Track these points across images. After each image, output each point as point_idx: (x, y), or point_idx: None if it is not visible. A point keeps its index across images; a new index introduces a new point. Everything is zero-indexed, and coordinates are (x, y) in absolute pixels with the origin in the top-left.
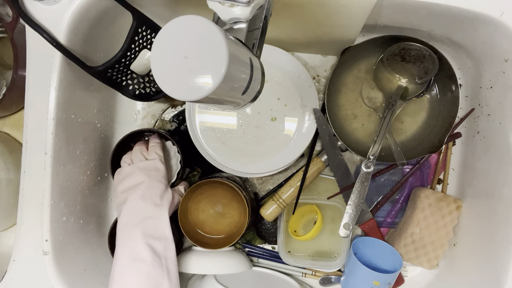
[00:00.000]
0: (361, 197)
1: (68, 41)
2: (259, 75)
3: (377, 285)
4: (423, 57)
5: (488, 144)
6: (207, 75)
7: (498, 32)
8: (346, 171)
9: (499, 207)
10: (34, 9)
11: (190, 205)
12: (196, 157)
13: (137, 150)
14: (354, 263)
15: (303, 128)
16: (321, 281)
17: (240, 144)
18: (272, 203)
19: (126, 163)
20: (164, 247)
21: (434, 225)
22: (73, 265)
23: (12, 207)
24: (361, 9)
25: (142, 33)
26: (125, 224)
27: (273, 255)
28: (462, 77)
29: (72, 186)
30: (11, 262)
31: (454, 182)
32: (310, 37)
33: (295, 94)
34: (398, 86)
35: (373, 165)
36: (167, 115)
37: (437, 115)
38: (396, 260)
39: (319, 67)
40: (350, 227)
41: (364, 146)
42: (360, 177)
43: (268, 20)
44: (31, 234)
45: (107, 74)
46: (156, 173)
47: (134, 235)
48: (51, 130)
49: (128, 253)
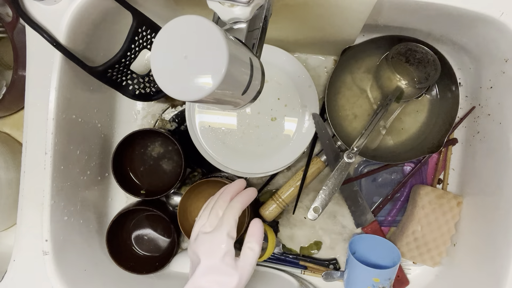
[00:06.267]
0: (337, 185)
1: (68, 41)
2: (259, 75)
3: (377, 282)
4: (427, 61)
5: (488, 144)
6: (207, 75)
7: (498, 32)
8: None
9: (499, 207)
10: (34, 9)
11: (189, 205)
12: (196, 157)
13: (212, 210)
14: (353, 262)
15: (303, 128)
16: (324, 275)
17: (240, 144)
18: (271, 203)
19: (202, 226)
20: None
21: (436, 222)
22: (73, 265)
23: (12, 207)
24: (361, 9)
25: (142, 33)
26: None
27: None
28: (462, 77)
29: (72, 186)
30: (11, 262)
31: (454, 182)
32: (310, 37)
33: (295, 94)
34: (397, 87)
35: (355, 157)
36: (167, 115)
37: (437, 115)
38: (395, 255)
39: (319, 67)
40: (319, 210)
41: (364, 146)
42: (339, 166)
43: (268, 20)
44: (31, 234)
45: (107, 74)
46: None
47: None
48: (51, 130)
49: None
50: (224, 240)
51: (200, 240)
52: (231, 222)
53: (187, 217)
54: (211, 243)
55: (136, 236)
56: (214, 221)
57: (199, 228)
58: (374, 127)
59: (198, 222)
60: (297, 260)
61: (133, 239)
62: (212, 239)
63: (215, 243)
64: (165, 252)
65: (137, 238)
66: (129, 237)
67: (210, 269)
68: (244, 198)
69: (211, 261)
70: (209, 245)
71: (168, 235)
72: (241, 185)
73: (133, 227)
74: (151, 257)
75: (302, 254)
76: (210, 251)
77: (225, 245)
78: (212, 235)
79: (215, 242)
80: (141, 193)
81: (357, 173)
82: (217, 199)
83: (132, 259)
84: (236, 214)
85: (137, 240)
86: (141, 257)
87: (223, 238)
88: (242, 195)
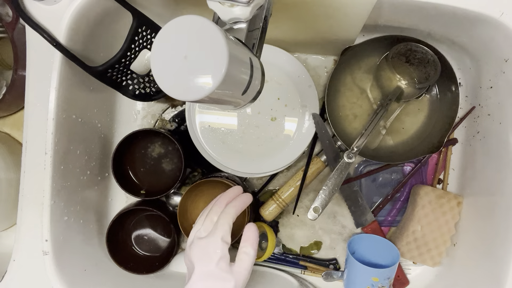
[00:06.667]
0: (337, 185)
1: (68, 41)
2: (259, 75)
3: (376, 281)
4: (427, 61)
5: (488, 144)
6: (207, 75)
7: (498, 32)
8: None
9: (499, 207)
10: (34, 9)
11: (189, 205)
12: (196, 157)
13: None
14: (352, 262)
15: (303, 128)
16: (324, 275)
17: (240, 144)
18: (271, 203)
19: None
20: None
21: (436, 222)
22: (73, 265)
23: (12, 207)
24: (361, 9)
25: (142, 33)
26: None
27: (272, 253)
28: (462, 77)
29: (72, 186)
30: (11, 262)
31: (454, 182)
32: (310, 37)
33: (295, 94)
34: (397, 87)
35: (354, 157)
36: (167, 115)
37: (437, 115)
38: (394, 255)
39: (319, 67)
40: (319, 210)
41: (364, 146)
42: (339, 166)
43: (268, 20)
44: (31, 234)
45: (107, 74)
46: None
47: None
48: (51, 130)
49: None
50: (218, 246)
51: (194, 246)
52: (225, 227)
53: (187, 217)
54: (205, 249)
55: (136, 236)
56: (208, 227)
57: (194, 234)
58: (374, 127)
59: (194, 228)
60: (297, 260)
61: (133, 239)
62: (206, 244)
63: (209, 248)
64: (165, 252)
65: (137, 238)
66: (129, 237)
67: (205, 274)
68: (239, 204)
69: (206, 267)
70: (204, 251)
71: (168, 235)
72: (237, 192)
73: (133, 227)
74: (151, 257)
75: (302, 254)
76: (205, 257)
77: (220, 250)
78: (206, 240)
79: (209, 248)
80: (141, 193)
81: (357, 173)
82: (212, 205)
83: (132, 259)
84: (230, 219)
85: (137, 240)
86: (141, 257)
87: (218, 243)
88: (237, 200)
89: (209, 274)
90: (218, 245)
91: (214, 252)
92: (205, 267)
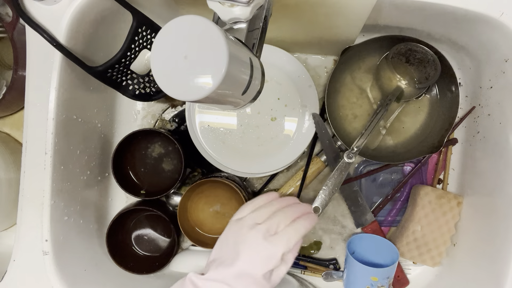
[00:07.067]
0: (337, 185)
1: (68, 41)
2: (259, 75)
3: (375, 281)
4: (427, 61)
5: (488, 144)
6: (207, 75)
7: (498, 32)
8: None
9: (500, 207)
10: (34, 9)
11: (189, 205)
12: (196, 157)
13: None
14: (351, 262)
15: (303, 128)
16: (324, 275)
17: (240, 144)
18: None
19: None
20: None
21: (436, 222)
22: (73, 265)
23: (12, 207)
24: (361, 9)
25: (142, 33)
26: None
27: None
28: (462, 77)
29: (72, 186)
30: (11, 262)
31: (454, 182)
32: (310, 37)
33: (295, 94)
34: (397, 87)
35: (355, 157)
36: (167, 115)
37: (437, 115)
38: (393, 254)
39: (319, 67)
40: (319, 210)
41: (364, 146)
42: (339, 166)
43: (268, 20)
44: (31, 234)
45: (107, 74)
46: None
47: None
48: (51, 130)
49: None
50: (276, 259)
51: (250, 234)
52: (290, 245)
53: (187, 217)
54: (261, 250)
55: (136, 236)
56: (273, 229)
57: (253, 220)
58: (374, 127)
59: (253, 215)
60: (297, 260)
61: (133, 239)
62: (264, 247)
63: (266, 252)
64: (165, 252)
65: (137, 238)
66: (129, 237)
67: (247, 275)
68: (309, 226)
69: (253, 269)
70: (258, 248)
71: (168, 235)
72: (309, 209)
73: (133, 227)
74: (151, 257)
75: (302, 254)
76: (257, 258)
77: (273, 265)
78: (267, 242)
79: (266, 252)
80: (141, 193)
81: (357, 173)
82: (283, 207)
83: (132, 259)
84: (299, 237)
85: (137, 240)
86: (141, 257)
87: (277, 257)
88: (307, 220)
89: (252, 277)
90: (276, 259)
91: (269, 262)
92: (251, 269)
